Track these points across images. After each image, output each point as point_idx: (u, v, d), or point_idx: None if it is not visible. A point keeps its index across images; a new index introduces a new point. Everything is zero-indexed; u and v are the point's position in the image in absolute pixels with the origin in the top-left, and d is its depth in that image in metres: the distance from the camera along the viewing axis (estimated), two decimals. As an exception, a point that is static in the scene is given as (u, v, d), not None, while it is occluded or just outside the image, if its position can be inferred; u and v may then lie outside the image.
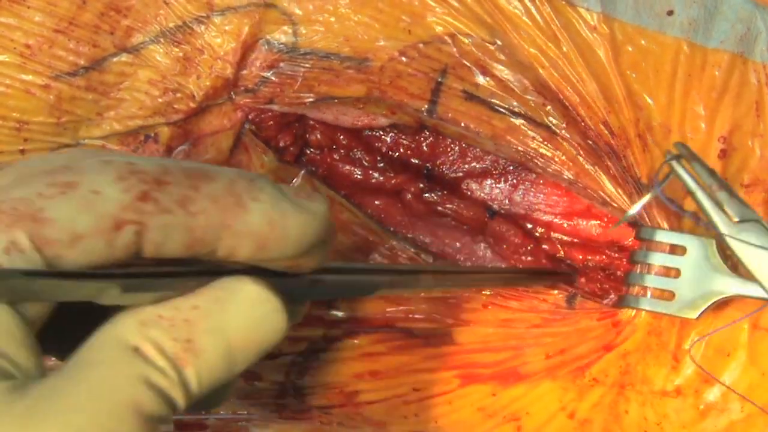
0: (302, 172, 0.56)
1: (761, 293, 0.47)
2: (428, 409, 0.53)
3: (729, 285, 0.48)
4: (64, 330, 0.32)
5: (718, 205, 0.46)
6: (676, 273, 0.50)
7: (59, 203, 0.30)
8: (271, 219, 0.32)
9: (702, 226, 0.49)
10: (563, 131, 0.51)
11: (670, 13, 0.50)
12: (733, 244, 0.47)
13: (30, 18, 0.53)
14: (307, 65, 0.54)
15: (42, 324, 0.30)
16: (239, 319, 0.32)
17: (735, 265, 0.49)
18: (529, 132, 0.52)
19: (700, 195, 0.47)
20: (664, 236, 0.50)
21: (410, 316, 0.54)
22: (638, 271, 0.51)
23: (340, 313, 0.54)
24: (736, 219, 0.46)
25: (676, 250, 0.50)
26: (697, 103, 0.50)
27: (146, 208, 0.30)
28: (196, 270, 0.32)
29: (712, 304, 0.49)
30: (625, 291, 0.51)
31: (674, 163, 0.47)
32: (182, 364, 0.30)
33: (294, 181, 0.56)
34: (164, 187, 0.31)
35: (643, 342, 0.50)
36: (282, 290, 0.33)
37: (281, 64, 0.54)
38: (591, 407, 0.51)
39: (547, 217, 0.56)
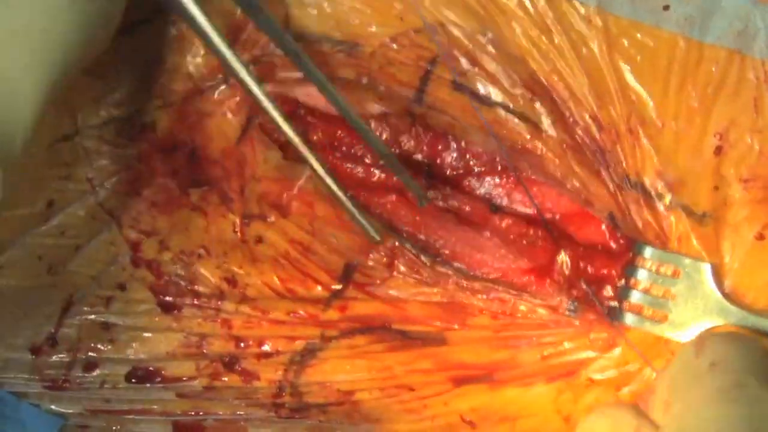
0: (308, 171, 0.54)
1: (756, 324, 0.48)
2: (424, 408, 0.54)
3: (722, 312, 0.49)
4: None
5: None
6: (670, 294, 0.50)
7: None
8: None
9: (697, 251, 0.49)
10: (549, 128, 0.51)
11: (666, 8, 0.48)
12: None
13: None
14: (297, 47, 0.54)
15: None
16: None
17: (728, 293, 0.49)
18: (516, 126, 0.51)
19: None
20: (658, 255, 0.50)
21: (406, 317, 0.54)
22: (632, 286, 0.51)
23: (336, 314, 0.55)
24: None
25: (670, 271, 0.50)
26: (692, 97, 0.49)
27: None
28: None
29: (704, 330, 0.49)
30: (618, 305, 0.51)
31: None
32: None
33: (299, 182, 0.55)
34: None
35: (642, 339, 0.50)
36: None
37: (271, 45, 0.54)
38: (587, 409, 0.51)
39: (547, 214, 0.54)
